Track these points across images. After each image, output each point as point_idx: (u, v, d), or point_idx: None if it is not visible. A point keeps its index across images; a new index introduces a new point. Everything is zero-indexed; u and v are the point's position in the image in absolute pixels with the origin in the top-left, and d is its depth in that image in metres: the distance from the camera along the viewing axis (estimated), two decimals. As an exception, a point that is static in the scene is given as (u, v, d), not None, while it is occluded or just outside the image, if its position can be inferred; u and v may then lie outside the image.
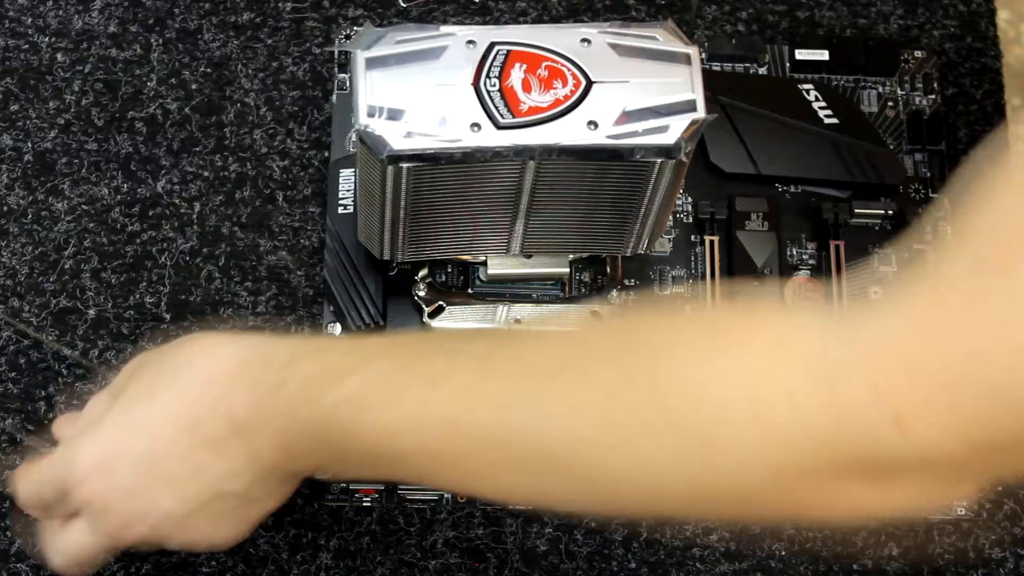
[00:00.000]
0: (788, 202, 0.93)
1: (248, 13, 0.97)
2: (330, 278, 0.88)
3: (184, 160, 0.93)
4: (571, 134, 0.73)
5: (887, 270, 0.92)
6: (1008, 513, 0.88)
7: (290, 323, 0.90)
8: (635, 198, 0.78)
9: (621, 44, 0.75)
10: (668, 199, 0.78)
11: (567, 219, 0.80)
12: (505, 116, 0.72)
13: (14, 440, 0.87)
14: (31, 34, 0.96)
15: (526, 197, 0.77)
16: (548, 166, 0.74)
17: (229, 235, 0.92)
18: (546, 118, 0.72)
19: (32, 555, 0.82)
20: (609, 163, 0.74)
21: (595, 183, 0.76)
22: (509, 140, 0.72)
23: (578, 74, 0.73)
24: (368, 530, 0.86)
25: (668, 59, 0.75)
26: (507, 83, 0.73)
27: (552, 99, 0.73)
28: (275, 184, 0.93)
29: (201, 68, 0.96)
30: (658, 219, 0.80)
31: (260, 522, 0.74)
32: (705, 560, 0.87)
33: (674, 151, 0.74)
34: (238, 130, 0.95)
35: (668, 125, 0.73)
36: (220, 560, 0.85)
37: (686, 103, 0.74)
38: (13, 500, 0.77)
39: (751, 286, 0.89)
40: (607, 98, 0.73)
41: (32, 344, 0.89)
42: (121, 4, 0.97)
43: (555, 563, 0.86)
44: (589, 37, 0.75)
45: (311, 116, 0.95)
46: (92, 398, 0.76)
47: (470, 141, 0.72)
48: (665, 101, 0.73)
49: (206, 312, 0.90)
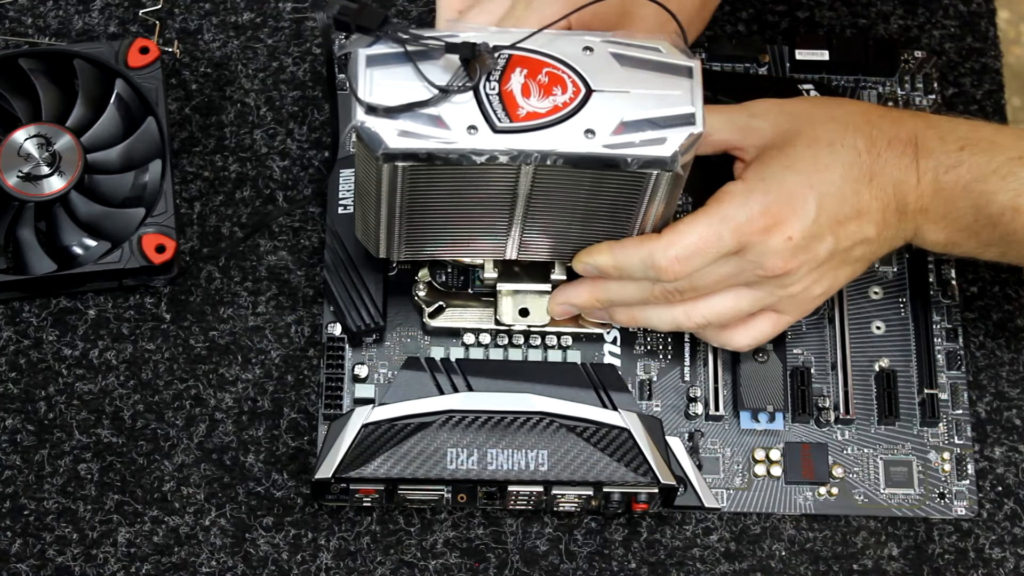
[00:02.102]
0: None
1: (248, 13, 0.97)
2: (330, 278, 0.88)
3: (184, 160, 0.93)
4: (568, 141, 0.73)
5: (887, 270, 0.92)
6: (1008, 513, 0.88)
7: (290, 323, 0.90)
8: (631, 209, 0.78)
9: (623, 54, 0.74)
10: (665, 211, 0.78)
11: (563, 227, 0.80)
12: (503, 120, 0.72)
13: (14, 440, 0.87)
14: (31, 34, 0.96)
15: (522, 202, 0.77)
16: (544, 172, 0.74)
17: (229, 235, 0.92)
18: (544, 124, 0.72)
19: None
20: (605, 172, 0.74)
21: (591, 192, 0.76)
22: (505, 144, 0.72)
23: (578, 82, 0.73)
24: (368, 530, 0.86)
25: (670, 71, 0.74)
26: (507, 87, 0.73)
27: (551, 105, 0.73)
28: (275, 184, 0.93)
29: (201, 68, 0.96)
30: (655, 230, 0.80)
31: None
32: (705, 560, 0.87)
33: (670, 163, 0.73)
34: (238, 130, 0.95)
35: (666, 137, 0.73)
36: (220, 560, 0.85)
37: (685, 116, 0.74)
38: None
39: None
40: (606, 107, 0.73)
41: (32, 344, 0.89)
42: (121, 4, 0.97)
43: (555, 563, 0.86)
44: (592, 45, 0.75)
45: (311, 116, 0.95)
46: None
47: (466, 143, 0.72)
48: (664, 113, 0.73)
49: (206, 312, 0.90)
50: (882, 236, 0.82)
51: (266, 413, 0.88)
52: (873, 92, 0.96)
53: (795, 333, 0.90)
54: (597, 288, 0.84)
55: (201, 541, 0.85)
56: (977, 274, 0.94)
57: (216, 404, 0.88)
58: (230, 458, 0.87)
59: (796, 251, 0.79)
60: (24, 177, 0.89)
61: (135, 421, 0.88)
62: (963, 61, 0.99)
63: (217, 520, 0.86)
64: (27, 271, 0.88)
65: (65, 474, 0.86)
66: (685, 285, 0.81)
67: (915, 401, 0.89)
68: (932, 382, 0.89)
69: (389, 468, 0.82)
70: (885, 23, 1.00)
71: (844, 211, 0.80)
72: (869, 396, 0.89)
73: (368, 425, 0.83)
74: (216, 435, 0.88)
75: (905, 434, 0.89)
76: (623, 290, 0.83)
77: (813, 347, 0.90)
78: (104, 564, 0.85)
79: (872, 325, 0.91)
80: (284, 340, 0.90)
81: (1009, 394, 0.91)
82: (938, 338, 0.91)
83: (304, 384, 0.89)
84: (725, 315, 0.83)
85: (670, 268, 0.79)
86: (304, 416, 0.88)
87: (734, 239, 0.78)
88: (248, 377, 0.89)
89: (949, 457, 0.89)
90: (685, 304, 0.83)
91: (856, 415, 0.89)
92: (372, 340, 0.88)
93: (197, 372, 0.89)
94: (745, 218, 0.78)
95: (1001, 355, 0.92)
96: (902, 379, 0.90)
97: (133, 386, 0.88)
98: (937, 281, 0.92)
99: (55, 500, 0.86)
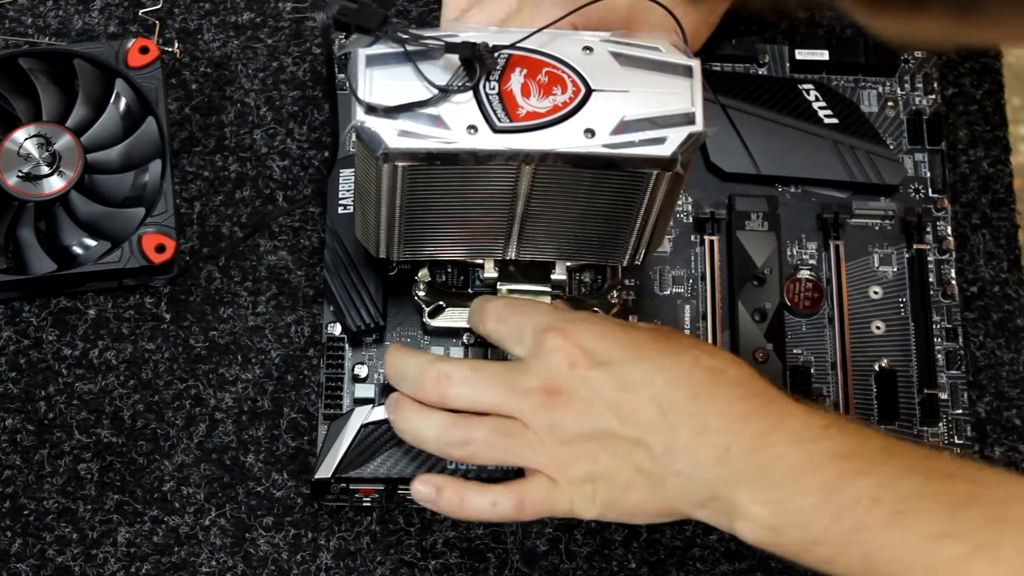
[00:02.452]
0: (788, 202, 0.93)
1: (248, 13, 0.97)
2: (330, 278, 0.88)
3: (184, 160, 0.93)
4: (567, 141, 0.73)
5: (887, 270, 0.92)
6: (1007, 513, 0.88)
7: (290, 323, 0.90)
8: (631, 208, 0.78)
9: (623, 53, 0.74)
10: (665, 211, 0.78)
11: (563, 226, 0.80)
12: (502, 120, 0.72)
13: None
14: (31, 34, 0.96)
15: (522, 202, 0.77)
16: (544, 172, 0.74)
17: (229, 235, 0.92)
18: (543, 124, 0.72)
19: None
20: (605, 172, 0.74)
21: (591, 191, 0.76)
22: (505, 144, 0.72)
23: (578, 81, 0.73)
24: (368, 530, 0.86)
25: (669, 71, 0.74)
26: (506, 87, 0.73)
27: (551, 105, 0.73)
28: (275, 184, 0.93)
29: (201, 68, 0.96)
30: (655, 230, 0.80)
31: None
32: (705, 560, 0.87)
33: (670, 163, 0.73)
34: (238, 130, 0.95)
35: (665, 137, 0.73)
36: (220, 560, 0.85)
37: (685, 116, 0.73)
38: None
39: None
40: (606, 107, 0.73)
41: (32, 344, 0.89)
42: (121, 4, 0.97)
43: (555, 563, 0.86)
44: (592, 45, 0.75)
45: (311, 116, 0.95)
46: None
47: (466, 143, 0.72)
48: (664, 113, 0.73)
49: (206, 312, 0.90)
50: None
51: (266, 413, 0.88)
52: (873, 92, 0.96)
53: (795, 333, 0.90)
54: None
55: (201, 541, 0.86)
56: (977, 274, 0.94)
57: (216, 404, 0.88)
58: (230, 458, 0.87)
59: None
60: (24, 177, 0.89)
61: (135, 421, 0.88)
62: (963, 61, 0.99)
63: (217, 520, 0.86)
64: (27, 271, 0.88)
65: (65, 474, 0.86)
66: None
67: (915, 401, 0.89)
68: (932, 382, 0.89)
69: (389, 468, 0.82)
70: (885, 23, 1.00)
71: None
72: (869, 396, 0.89)
73: (368, 425, 0.83)
74: (216, 435, 0.88)
75: (905, 434, 0.89)
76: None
77: (813, 347, 0.90)
78: (104, 564, 0.85)
79: (872, 325, 0.91)
80: (284, 340, 0.90)
81: (1009, 394, 0.91)
82: (938, 338, 0.91)
83: (304, 384, 0.89)
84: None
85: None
86: (304, 416, 0.88)
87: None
88: (248, 377, 0.89)
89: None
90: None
91: (856, 415, 0.89)
92: (372, 340, 0.88)
93: (197, 372, 0.89)
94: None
95: (1001, 355, 0.92)
96: (902, 379, 0.90)
97: (133, 386, 0.88)
98: (937, 281, 0.92)
99: (55, 500, 0.86)
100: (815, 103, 0.94)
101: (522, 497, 0.77)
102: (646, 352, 0.76)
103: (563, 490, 0.77)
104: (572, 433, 0.76)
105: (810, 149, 0.93)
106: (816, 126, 0.93)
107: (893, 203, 0.93)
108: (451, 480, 0.79)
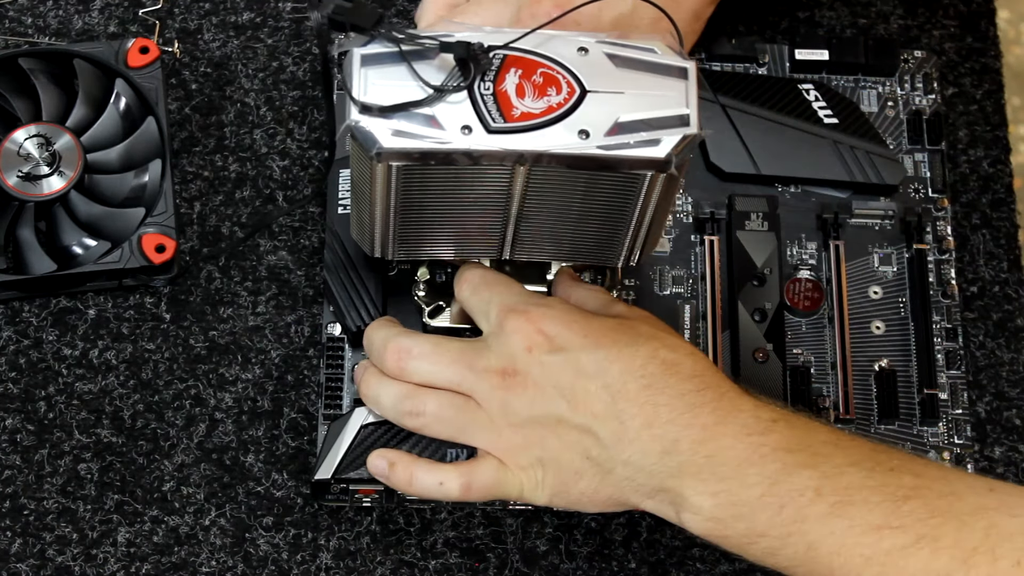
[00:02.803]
0: (788, 202, 0.93)
1: (248, 13, 0.97)
2: (330, 278, 0.88)
3: (184, 160, 0.94)
4: (562, 142, 0.72)
5: (887, 270, 0.92)
6: (1007, 513, 0.88)
7: (290, 323, 0.90)
8: (626, 210, 0.77)
9: (618, 55, 0.74)
10: (661, 212, 0.78)
11: (557, 227, 0.80)
12: (497, 120, 0.72)
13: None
14: (31, 34, 0.96)
15: (516, 203, 0.77)
16: (538, 173, 0.74)
17: (229, 235, 0.92)
18: (538, 124, 0.72)
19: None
20: (599, 173, 0.74)
21: (586, 193, 0.76)
22: (499, 144, 0.72)
23: (573, 82, 0.73)
24: (368, 530, 0.87)
25: (665, 72, 0.74)
26: (501, 87, 0.73)
27: (545, 106, 0.73)
28: (275, 184, 0.94)
29: (201, 68, 0.96)
30: (650, 232, 0.80)
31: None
32: (705, 560, 0.87)
33: (664, 165, 0.73)
34: (238, 130, 0.95)
35: (660, 139, 0.73)
36: (220, 560, 0.85)
37: (679, 117, 0.73)
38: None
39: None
40: (600, 108, 0.73)
41: (32, 344, 0.89)
42: (121, 4, 0.97)
43: (555, 563, 0.86)
44: (587, 46, 0.74)
45: (311, 116, 0.95)
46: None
47: (460, 143, 0.72)
48: (658, 114, 0.73)
49: (206, 312, 0.90)
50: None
51: (266, 413, 0.88)
52: (873, 92, 0.96)
53: (795, 333, 0.90)
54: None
55: (201, 541, 0.86)
56: (977, 274, 0.94)
57: (216, 404, 0.88)
58: (230, 458, 0.87)
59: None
60: (24, 177, 0.89)
61: (135, 421, 0.88)
62: (963, 61, 0.99)
63: (217, 520, 0.86)
64: (27, 271, 0.88)
65: (65, 474, 0.86)
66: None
67: (915, 401, 0.89)
68: (932, 382, 0.89)
69: (389, 468, 0.82)
70: (885, 23, 1.00)
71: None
72: (869, 396, 0.89)
73: (368, 425, 0.83)
74: (216, 435, 0.88)
75: (905, 434, 0.89)
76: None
77: (813, 347, 0.90)
78: (104, 564, 0.85)
79: (872, 325, 0.91)
80: (284, 340, 0.90)
81: (1009, 394, 0.91)
82: (938, 338, 0.91)
83: (304, 384, 0.89)
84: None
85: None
86: (304, 416, 0.88)
87: None
88: (248, 377, 0.89)
89: (949, 457, 0.88)
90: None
91: (856, 415, 0.89)
92: (372, 340, 0.88)
93: (197, 372, 0.89)
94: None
95: (1001, 355, 0.92)
96: (902, 379, 0.90)
97: (133, 386, 0.88)
98: (937, 281, 0.92)
99: (55, 500, 0.86)
100: (815, 103, 0.94)
101: (470, 479, 0.78)
102: (604, 341, 0.76)
103: (513, 474, 0.78)
104: (523, 417, 0.77)
105: (810, 149, 0.93)
106: (816, 126, 0.93)
107: (893, 203, 0.93)
108: (404, 456, 0.80)
